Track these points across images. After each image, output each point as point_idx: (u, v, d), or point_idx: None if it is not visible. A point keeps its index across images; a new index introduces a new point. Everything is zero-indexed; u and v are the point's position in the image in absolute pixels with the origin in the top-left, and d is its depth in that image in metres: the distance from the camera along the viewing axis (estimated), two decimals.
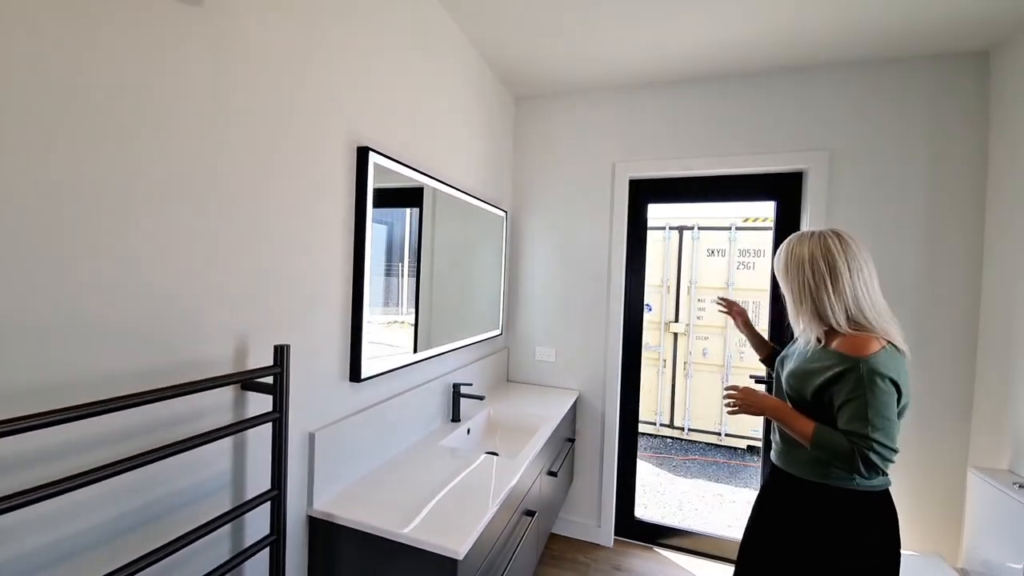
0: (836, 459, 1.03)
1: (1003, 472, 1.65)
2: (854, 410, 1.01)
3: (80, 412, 0.65)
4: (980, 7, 1.60)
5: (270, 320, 1.06)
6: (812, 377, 1.10)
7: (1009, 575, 1.48)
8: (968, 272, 1.89)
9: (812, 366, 1.11)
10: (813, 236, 1.15)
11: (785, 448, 1.21)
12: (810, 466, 1.13)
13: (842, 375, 1.04)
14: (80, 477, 0.66)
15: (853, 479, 1.07)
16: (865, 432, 0.99)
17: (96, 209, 0.73)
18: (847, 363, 1.04)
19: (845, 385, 1.03)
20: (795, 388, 1.14)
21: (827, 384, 1.06)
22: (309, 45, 1.14)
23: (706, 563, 2.27)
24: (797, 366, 1.16)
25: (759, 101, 2.17)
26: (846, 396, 1.03)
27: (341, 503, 1.21)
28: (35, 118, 0.66)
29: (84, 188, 0.72)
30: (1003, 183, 1.78)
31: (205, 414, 0.93)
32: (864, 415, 1.00)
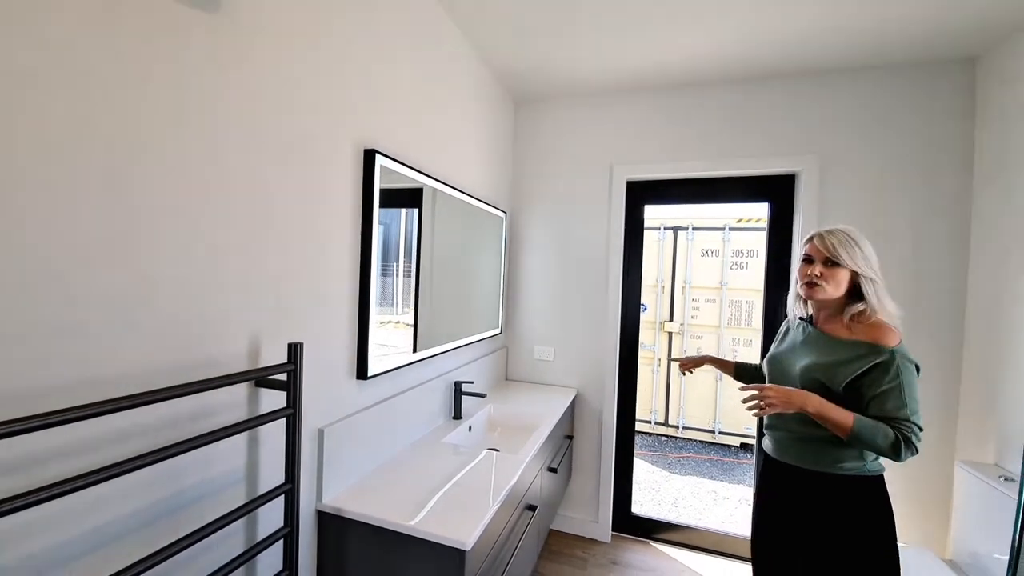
0: (875, 445, 1.08)
1: (989, 466, 1.71)
2: (895, 397, 1.08)
3: (107, 407, 0.67)
4: (967, 15, 1.66)
5: (281, 319, 1.09)
6: (843, 368, 1.14)
7: (996, 566, 1.54)
8: (954, 273, 1.95)
9: (837, 358, 1.15)
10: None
11: (789, 441, 1.24)
12: (820, 457, 1.18)
13: (878, 365, 1.10)
14: (106, 471, 0.68)
15: (863, 464, 1.15)
16: (907, 416, 1.07)
17: (126, 215, 0.76)
18: (881, 353, 1.10)
19: (882, 375, 1.10)
20: (821, 380, 1.16)
21: (862, 375, 1.12)
22: (317, 48, 1.16)
23: (702, 556, 2.32)
24: (820, 359, 1.18)
25: (753, 105, 2.22)
26: (886, 384, 1.09)
27: (350, 497, 1.24)
28: (52, 120, 0.68)
29: (110, 194, 0.74)
30: (988, 187, 1.85)
31: (221, 410, 0.95)
32: (903, 401, 1.08)
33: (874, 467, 1.16)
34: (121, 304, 0.76)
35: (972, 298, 1.91)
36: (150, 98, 0.79)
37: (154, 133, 0.80)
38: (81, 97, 0.70)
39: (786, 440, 1.26)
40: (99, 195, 0.73)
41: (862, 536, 1.14)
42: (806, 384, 1.19)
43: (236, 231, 0.96)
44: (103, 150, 0.73)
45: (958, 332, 1.94)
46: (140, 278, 0.79)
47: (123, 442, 0.77)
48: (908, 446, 1.06)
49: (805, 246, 1.26)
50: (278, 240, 1.07)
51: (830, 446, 1.16)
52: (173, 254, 0.84)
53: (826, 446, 1.17)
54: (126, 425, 0.78)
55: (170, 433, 0.85)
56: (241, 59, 0.95)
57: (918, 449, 1.08)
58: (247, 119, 0.97)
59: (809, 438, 1.20)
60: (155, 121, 0.80)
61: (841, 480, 1.16)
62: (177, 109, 0.83)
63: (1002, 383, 1.71)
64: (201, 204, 0.88)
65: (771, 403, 1.14)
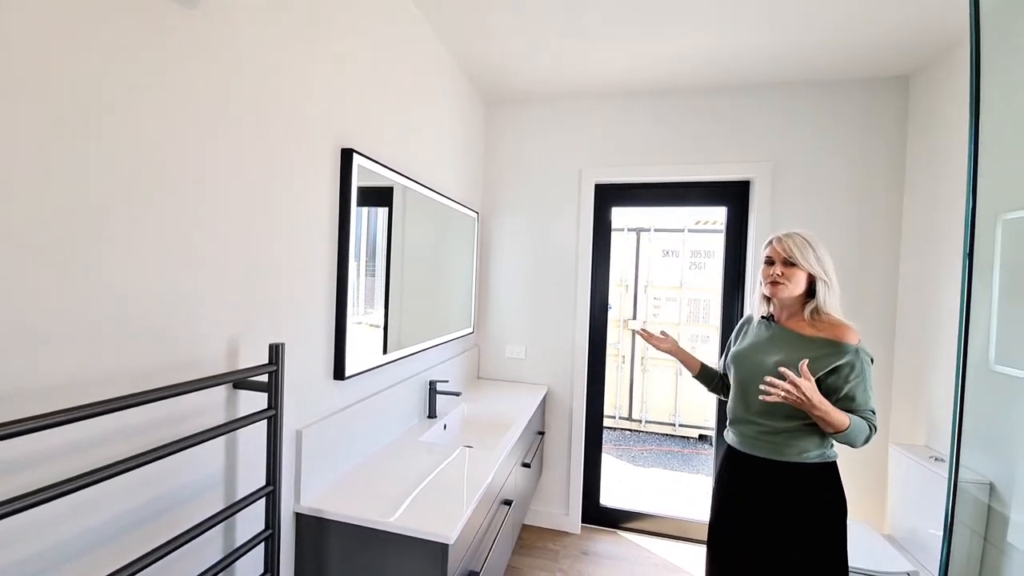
0: (857, 438, 1.20)
1: (920, 447, 1.90)
2: (860, 391, 1.21)
3: (79, 414, 0.64)
4: (899, 36, 1.83)
5: (260, 320, 1.07)
6: (812, 365, 1.20)
7: (929, 539, 1.71)
8: (887, 270, 2.15)
9: (808, 355, 1.22)
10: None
11: (758, 435, 1.32)
12: (787, 448, 1.27)
13: (845, 363, 1.21)
14: (79, 479, 0.65)
15: (825, 453, 1.26)
16: (872, 407, 1.21)
17: (90, 211, 0.73)
18: (847, 351, 1.21)
19: (849, 371, 1.21)
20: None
21: (832, 372, 1.22)
22: (295, 47, 1.15)
23: (666, 542, 2.44)
24: (791, 355, 1.25)
25: (712, 115, 2.35)
26: (853, 380, 1.21)
27: (329, 498, 1.24)
28: (27, 119, 0.66)
29: (77, 191, 0.72)
30: (917, 196, 2.05)
31: (199, 413, 0.93)
32: (868, 394, 1.21)
33: (831, 453, 1.28)
34: (94, 306, 0.74)
35: (901, 299, 2.11)
36: (122, 97, 0.77)
37: (125, 130, 0.78)
38: (53, 94, 0.67)
39: (754, 434, 1.33)
40: (66, 192, 0.70)
41: (822, 516, 1.25)
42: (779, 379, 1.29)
43: (213, 230, 0.94)
44: (74, 145, 0.71)
45: (891, 329, 2.14)
46: (112, 279, 0.77)
47: (97, 448, 0.75)
48: (874, 433, 1.21)
49: (766, 249, 1.35)
50: (256, 239, 1.05)
51: (795, 438, 1.26)
52: (147, 254, 0.82)
53: (792, 438, 1.26)
54: (100, 431, 0.75)
55: (147, 438, 0.82)
56: (218, 55, 0.94)
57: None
58: (224, 117, 0.95)
59: (776, 431, 1.28)
60: (128, 119, 0.78)
61: (805, 468, 1.26)
62: (152, 106, 0.81)
63: (929, 373, 1.91)
64: (177, 203, 0.87)
65: (801, 398, 1.14)
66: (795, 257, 1.28)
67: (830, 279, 1.28)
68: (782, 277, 1.30)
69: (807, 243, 1.29)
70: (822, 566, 1.25)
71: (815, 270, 1.28)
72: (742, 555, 1.35)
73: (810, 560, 1.25)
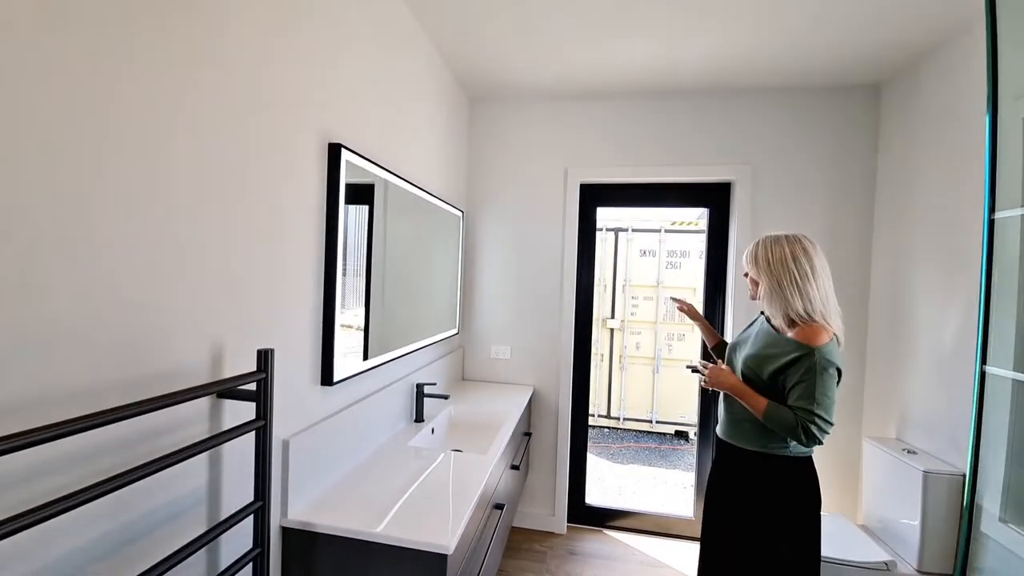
0: (782, 429, 1.22)
1: (892, 440, 1.98)
2: (803, 390, 1.20)
3: (40, 436, 0.56)
4: (869, 46, 1.90)
5: (244, 324, 1.00)
6: (771, 361, 1.27)
7: (903, 529, 1.78)
8: (859, 269, 2.23)
9: (771, 351, 1.29)
10: (790, 239, 1.31)
11: (731, 422, 1.39)
12: (752, 437, 1.33)
13: (797, 360, 1.22)
14: (43, 509, 0.57)
15: (787, 447, 1.28)
16: (811, 408, 1.19)
17: (57, 210, 0.66)
18: (803, 350, 1.22)
19: (799, 369, 1.21)
20: (753, 369, 1.31)
21: (784, 367, 1.24)
22: (278, 37, 1.08)
23: (650, 539, 2.47)
24: (756, 351, 1.32)
25: (695, 117, 2.38)
26: (798, 378, 1.21)
27: (318, 510, 1.17)
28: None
29: (42, 188, 0.64)
30: (888, 200, 2.13)
31: (182, 425, 0.86)
32: (812, 394, 1.19)
33: (798, 450, 1.29)
34: (60, 314, 0.66)
35: (873, 299, 2.20)
36: (94, 90, 0.69)
37: (100, 123, 0.70)
38: (16, 90, 0.60)
39: (729, 421, 1.40)
40: (35, 189, 0.63)
41: (786, 509, 1.29)
42: (743, 372, 1.34)
43: (192, 229, 0.87)
44: (50, 140, 0.63)
45: (863, 328, 2.22)
46: (87, 289, 0.69)
47: (64, 471, 0.67)
48: (808, 435, 1.18)
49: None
50: (238, 240, 0.98)
51: (761, 428, 1.30)
52: (120, 256, 0.74)
53: (758, 427, 1.31)
54: (67, 452, 0.67)
55: (122, 457, 0.75)
56: (199, 45, 0.86)
57: (821, 440, 1.19)
58: (207, 110, 0.88)
59: (744, 419, 1.34)
60: (107, 111, 0.70)
61: (771, 459, 1.30)
62: (130, 99, 0.74)
63: (899, 370, 1.99)
64: (156, 202, 0.79)
65: (708, 380, 1.39)
66: (746, 266, 1.39)
67: (774, 285, 1.28)
68: (753, 288, 1.40)
69: (756, 250, 1.35)
70: (785, 559, 1.28)
71: (758, 276, 1.34)
72: (722, 539, 1.40)
73: (772, 553, 1.29)
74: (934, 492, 1.67)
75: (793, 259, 1.27)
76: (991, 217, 1.24)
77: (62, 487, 0.65)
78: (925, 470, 1.67)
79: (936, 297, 1.81)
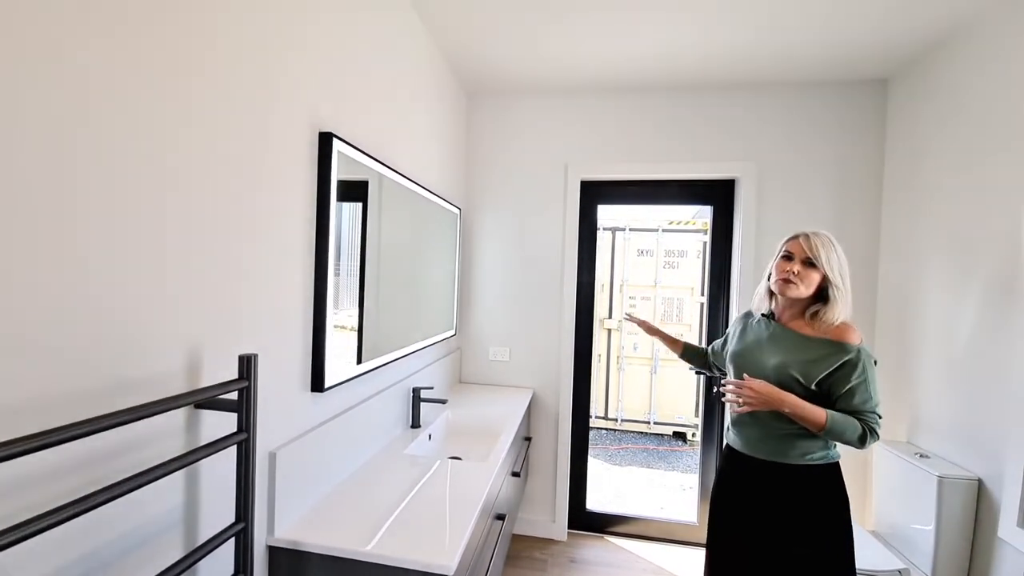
0: (848, 436, 1.16)
1: (903, 444, 1.92)
2: (862, 392, 1.17)
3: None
4: (877, 41, 1.85)
5: (225, 328, 0.91)
6: (815, 365, 1.20)
7: (914, 535, 1.72)
8: (867, 268, 2.18)
9: (810, 356, 1.21)
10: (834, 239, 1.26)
11: (764, 438, 1.28)
12: (793, 450, 1.24)
13: (847, 363, 1.18)
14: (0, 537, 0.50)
15: (827, 454, 1.23)
16: (872, 408, 1.17)
17: (14, 203, 0.57)
18: (849, 352, 1.18)
19: (851, 372, 1.17)
20: (795, 377, 1.21)
21: (832, 372, 1.19)
22: (267, 21, 1.00)
23: (653, 546, 2.40)
24: (790, 358, 1.23)
25: (699, 112, 2.31)
26: (854, 380, 1.17)
27: (308, 528, 1.09)
28: None
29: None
30: (896, 197, 2.08)
31: (155, 439, 0.77)
32: (869, 395, 1.17)
33: (835, 454, 1.26)
34: (19, 315, 0.58)
35: (881, 298, 2.14)
36: (65, 78, 0.61)
37: (66, 113, 0.62)
38: None
39: (758, 436, 1.29)
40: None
41: (824, 516, 1.23)
42: (780, 380, 1.23)
43: (167, 225, 0.78)
44: (10, 133, 0.55)
45: (871, 328, 2.17)
46: (46, 284, 0.61)
47: (16, 495, 0.59)
48: (872, 435, 1.16)
49: (787, 243, 1.30)
50: (220, 236, 0.89)
51: (800, 440, 1.23)
52: (88, 254, 0.66)
53: (796, 440, 1.23)
54: (29, 470, 0.59)
55: (84, 477, 0.66)
56: (187, 22, 0.78)
57: (879, 436, 1.18)
58: (185, 96, 0.80)
59: (781, 434, 1.25)
60: (72, 99, 0.62)
61: (808, 469, 1.23)
62: (98, 87, 0.65)
63: (909, 372, 1.94)
64: (124, 194, 0.71)
65: (750, 402, 1.21)
66: (819, 258, 1.22)
67: (845, 287, 1.23)
68: (797, 276, 1.24)
69: (832, 245, 1.25)
70: (826, 565, 1.22)
71: (833, 276, 1.23)
72: (743, 556, 1.31)
73: (814, 560, 1.22)
74: (949, 498, 1.61)
75: (847, 262, 1.26)
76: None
77: (15, 513, 0.56)
78: (940, 475, 1.62)
79: (947, 295, 1.76)
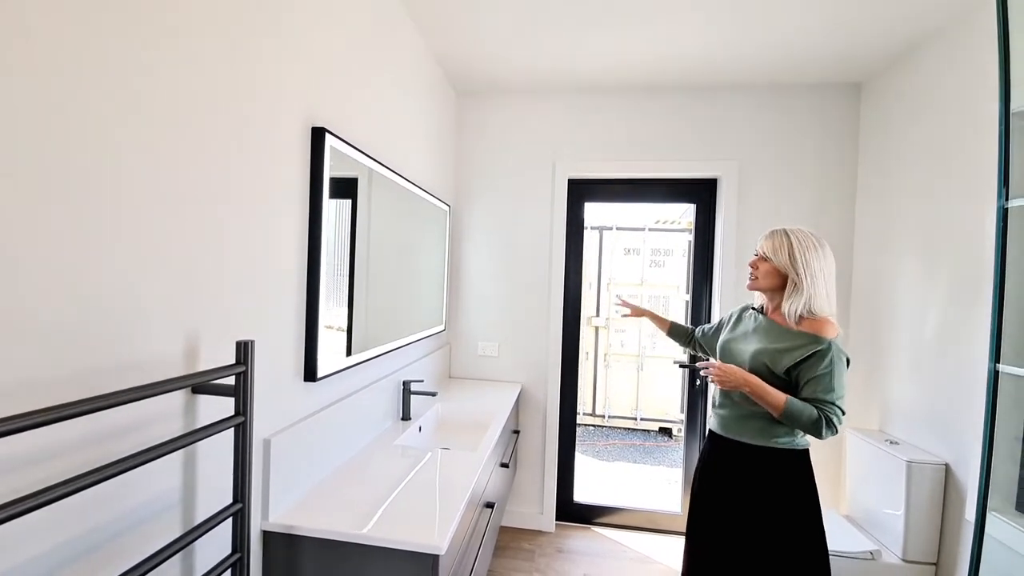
0: (804, 423, 1.22)
1: (875, 431, 2.01)
2: (824, 383, 1.22)
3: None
4: (849, 48, 1.93)
5: (222, 315, 0.94)
6: (785, 355, 1.27)
7: (886, 519, 1.80)
8: (842, 263, 2.25)
9: (783, 345, 1.28)
10: (816, 235, 1.31)
11: (733, 418, 1.37)
12: (759, 433, 1.32)
13: (815, 354, 1.23)
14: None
15: (793, 440, 1.29)
16: (832, 399, 1.21)
17: (12, 187, 0.60)
18: (820, 344, 1.23)
19: (818, 362, 1.23)
20: (767, 364, 1.29)
21: (801, 361, 1.25)
22: (260, 17, 1.02)
23: (639, 535, 2.46)
24: (766, 345, 1.31)
25: (683, 113, 2.38)
26: (819, 371, 1.22)
27: (302, 513, 1.12)
28: None
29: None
30: (867, 194, 2.17)
31: (151, 423, 0.79)
32: (832, 386, 1.21)
33: (802, 442, 1.32)
34: (14, 300, 0.60)
35: (855, 293, 2.23)
36: (61, 61, 0.63)
37: (64, 104, 0.64)
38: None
39: (731, 417, 1.38)
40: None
41: (796, 501, 1.29)
42: (754, 367, 1.31)
43: (165, 209, 0.81)
44: (10, 120, 0.57)
45: (846, 319, 2.25)
46: (47, 268, 0.63)
47: (19, 472, 0.61)
48: (829, 426, 1.21)
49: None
50: (215, 225, 0.92)
51: (768, 423, 1.30)
52: (89, 240, 0.68)
53: (765, 423, 1.31)
54: (28, 449, 0.61)
55: (86, 456, 0.68)
56: (173, 19, 0.80)
57: (838, 430, 1.22)
58: (184, 89, 0.82)
59: (751, 415, 1.33)
60: (71, 91, 0.64)
61: (775, 452, 1.30)
62: (93, 77, 0.68)
63: (881, 361, 2.02)
64: (124, 183, 0.73)
65: (716, 379, 1.32)
66: (767, 252, 1.33)
67: (805, 281, 1.27)
68: (754, 268, 1.36)
69: (789, 242, 1.31)
70: (797, 550, 1.28)
71: (787, 269, 1.30)
72: (717, 534, 1.38)
73: (784, 544, 1.28)
74: (918, 482, 1.69)
75: (823, 255, 1.29)
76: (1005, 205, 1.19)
77: (15, 490, 0.58)
78: (909, 460, 1.70)
79: (916, 289, 1.85)
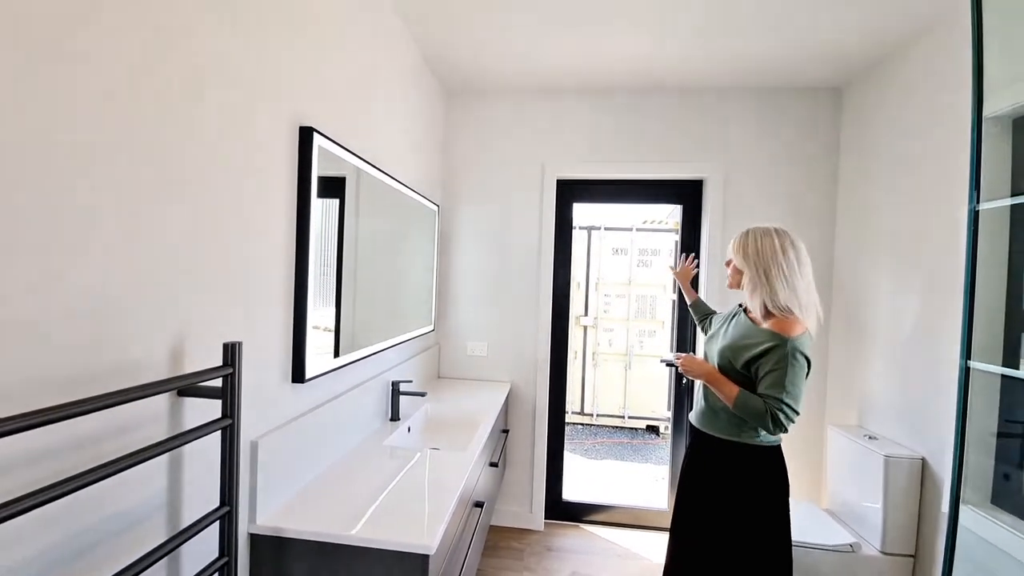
0: (752, 416, 1.26)
1: (854, 427, 2.06)
2: (774, 378, 1.24)
3: None
4: (829, 54, 1.98)
5: (208, 316, 0.93)
6: (745, 350, 1.30)
7: (865, 512, 1.85)
8: (823, 263, 2.31)
9: (745, 341, 1.32)
10: (779, 232, 1.33)
11: (705, 411, 1.42)
12: (726, 426, 1.36)
13: (770, 350, 1.25)
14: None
15: (758, 436, 1.32)
16: (780, 396, 1.22)
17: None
18: (776, 340, 1.25)
19: (771, 358, 1.25)
20: (728, 358, 1.34)
21: (757, 356, 1.27)
22: (252, 17, 1.01)
23: (626, 532, 2.49)
24: (731, 341, 1.36)
25: (670, 115, 2.41)
26: (770, 367, 1.24)
27: (289, 515, 1.11)
28: None
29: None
30: (847, 196, 2.23)
31: (137, 425, 0.78)
32: (782, 383, 1.22)
33: (768, 439, 1.33)
34: (2, 301, 0.59)
35: (835, 292, 2.29)
36: (39, 53, 0.62)
37: (43, 101, 0.63)
38: None
39: (702, 409, 1.43)
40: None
41: (758, 496, 1.33)
42: (720, 362, 1.36)
43: (154, 209, 0.80)
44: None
45: (826, 317, 2.30)
46: (25, 268, 0.62)
47: (5, 475, 0.60)
48: (775, 422, 1.22)
49: None
50: (202, 224, 0.91)
51: (732, 417, 1.34)
52: (73, 240, 0.67)
53: (729, 417, 1.35)
54: (9, 452, 0.60)
55: (68, 461, 0.67)
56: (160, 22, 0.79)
57: (786, 428, 1.23)
58: (168, 83, 0.81)
59: (717, 408, 1.38)
60: (48, 87, 0.63)
61: (745, 448, 1.34)
62: (74, 74, 0.67)
63: (859, 359, 2.08)
64: (101, 180, 0.72)
65: (682, 367, 1.43)
66: (730, 252, 1.40)
67: (760, 277, 1.29)
68: (728, 268, 1.44)
69: (745, 240, 1.35)
70: (759, 544, 1.32)
71: (742, 265, 1.35)
72: (693, 526, 1.43)
73: (747, 537, 1.32)
74: (895, 476, 1.74)
75: (783, 251, 1.29)
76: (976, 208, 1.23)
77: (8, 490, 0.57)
78: (886, 455, 1.74)
79: (893, 288, 1.90)
